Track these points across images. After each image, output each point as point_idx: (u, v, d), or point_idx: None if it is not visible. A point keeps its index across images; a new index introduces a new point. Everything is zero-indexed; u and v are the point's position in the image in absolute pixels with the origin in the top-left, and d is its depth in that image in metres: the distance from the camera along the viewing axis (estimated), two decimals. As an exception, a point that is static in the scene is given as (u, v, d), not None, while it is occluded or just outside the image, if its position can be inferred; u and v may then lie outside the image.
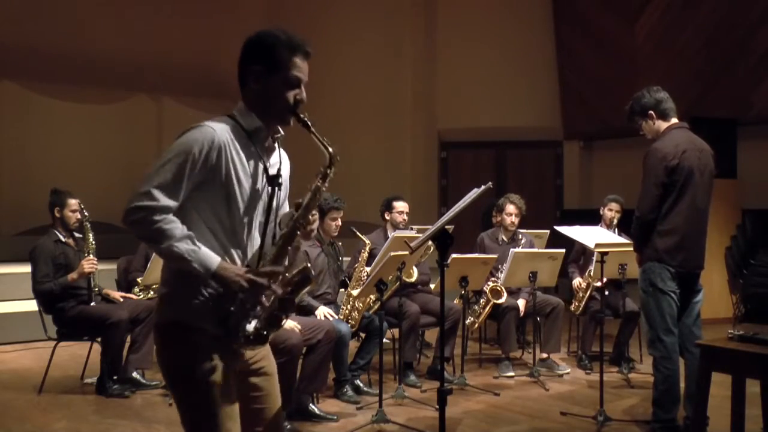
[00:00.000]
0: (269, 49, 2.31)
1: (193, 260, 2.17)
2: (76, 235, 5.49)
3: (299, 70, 2.33)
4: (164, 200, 2.17)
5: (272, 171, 2.37)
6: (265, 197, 2.37)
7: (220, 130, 2.25)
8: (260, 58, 2.31)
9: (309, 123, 2.32)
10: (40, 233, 5.62)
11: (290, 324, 4.64)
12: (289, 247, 2.35)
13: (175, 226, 2.17)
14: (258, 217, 2.37)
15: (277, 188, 2.35)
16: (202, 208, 2.27)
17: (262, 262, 2.32)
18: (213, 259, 2.20)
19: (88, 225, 5.40)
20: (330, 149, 2.35)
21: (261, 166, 2.34)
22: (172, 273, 2.30)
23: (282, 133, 2.42)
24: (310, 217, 2.39)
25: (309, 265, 2.38)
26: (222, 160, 2.24)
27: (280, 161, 2.42)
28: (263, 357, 2.46)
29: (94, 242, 5.36)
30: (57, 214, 5.41)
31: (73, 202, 5.41)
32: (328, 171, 2.37)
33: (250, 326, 2.29)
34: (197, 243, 2.19)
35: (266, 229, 2.35)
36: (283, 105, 2.32)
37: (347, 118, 10.87)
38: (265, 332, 2.32)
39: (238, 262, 2.33)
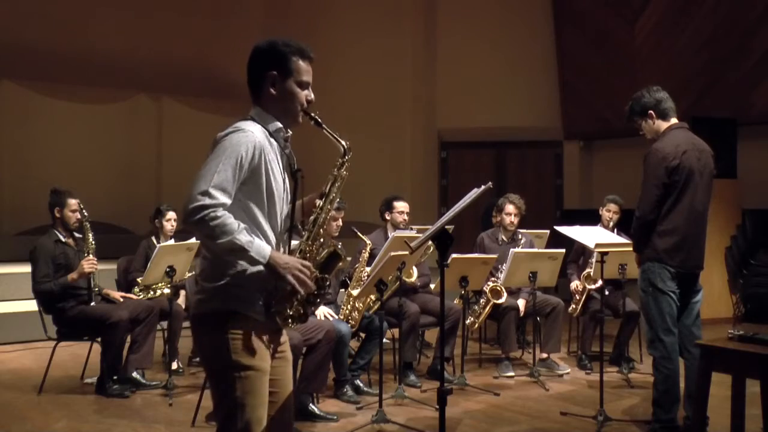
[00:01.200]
0: (282, 57, 2.52)
1: (251, 250, 2.33)
2: (76, 235, 5.48)
3: (307, 73, 2.56)
4: (222, 198, 2.33)
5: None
6: (287, 190, 2.59)
7: (258, 133, 2.45)
8: (274, 65, 2.52)
9: (320, 120, 2.57)
10: (40, 233, 5.61)
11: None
12: (322, 230, 2.59)
13: (233, 220, 2.33)
14: (281, 209, 2.56)
15: (300, 181, 2.56)
16: (245, 204, 2.43)
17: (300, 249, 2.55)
18: (266, 248, 2.38)
19: (88, 225, 5.39)
20: (342, 142, 2.63)
21: (285, 162, 2.57)
22: (221, 267, 2.42)
23: (290, 132, 2.61)
24: (333, 212, 2.60)
25: (339, 245, 2.57)
26: (262, 160, 2.44)
27: (293, 157, 2.61)
28: (285, 341, 2.64)
29: (94, 242, 5.35)
30: (57, 214, 5.41)
31: (73, 202, 5.40)
32: (345, 161, 2.63)
33: (290, 308, 2.48)
34: (251, 234, 2.37)
35: (292, 219, 2.57)
36: (298, 106, 2.56)
37: (348, 118, 10.84)
38: (304, 311, 2.53)
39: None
